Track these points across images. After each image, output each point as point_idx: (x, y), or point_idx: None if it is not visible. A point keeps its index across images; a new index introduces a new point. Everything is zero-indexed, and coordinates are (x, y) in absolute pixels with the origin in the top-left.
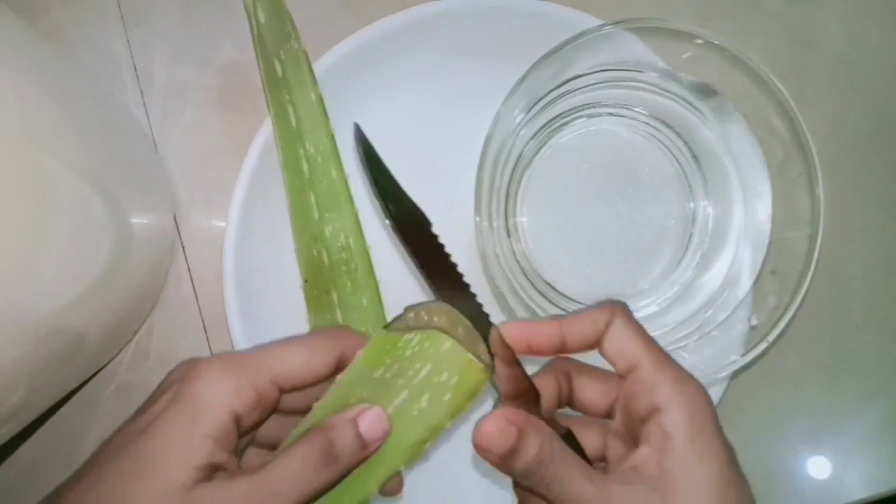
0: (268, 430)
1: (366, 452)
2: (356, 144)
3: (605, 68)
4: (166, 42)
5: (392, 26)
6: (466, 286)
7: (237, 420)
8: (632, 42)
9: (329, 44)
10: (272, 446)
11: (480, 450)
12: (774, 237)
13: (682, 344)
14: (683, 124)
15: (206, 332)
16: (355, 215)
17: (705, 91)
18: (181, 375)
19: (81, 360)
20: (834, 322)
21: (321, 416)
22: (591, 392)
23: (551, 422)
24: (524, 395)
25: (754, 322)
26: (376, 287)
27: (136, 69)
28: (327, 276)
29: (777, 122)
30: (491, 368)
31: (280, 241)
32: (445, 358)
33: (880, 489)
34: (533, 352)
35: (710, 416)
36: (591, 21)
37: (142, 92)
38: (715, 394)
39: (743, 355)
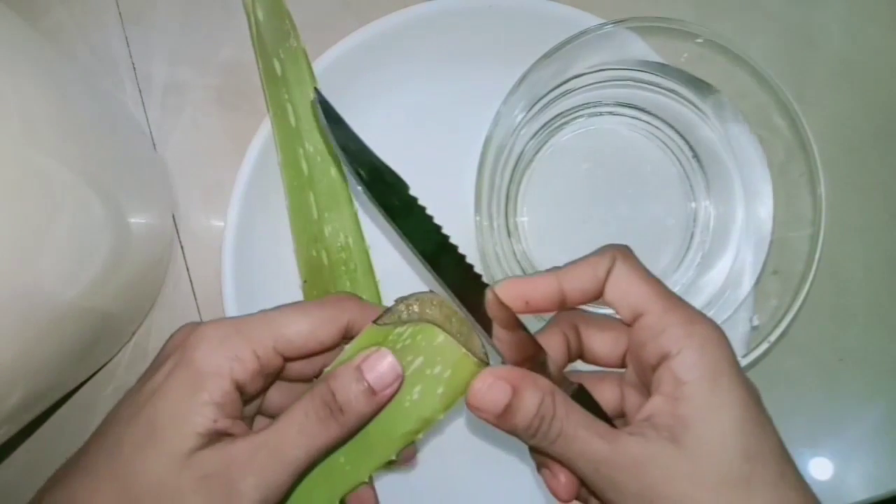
0: (276, 398)
1: (377, 400)
2: (316, 108)
3: (605, 67)
4: (165, 41)
5: (392, 25)
6: (454, 248)
7: (240, 387)
8: (632, 41)
9: (328, 43)
10: (303, 379)
11: (473, 409)
12: (776, 237)
13: None
14: (684, 123)
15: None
16: (355, 215)
17: (704, 89)
18: (182, 341)
19: (80, 360)
20: (834, 322)
21: None
22: (600, 343)
23: (561, 379)
24: (530, 357)
25: (756, 322)
26: (376, 287)
27: (134, 68)
28: (327, 276)
29: (778, 122)
30: (485, 362)
31: (279, 240)
32: (438, 351)
33: (881, 490)
34: (532, 309)
35: (726, 357)
36: (592, 20)
37: (141, 91)
38: None
39: (744, 356)
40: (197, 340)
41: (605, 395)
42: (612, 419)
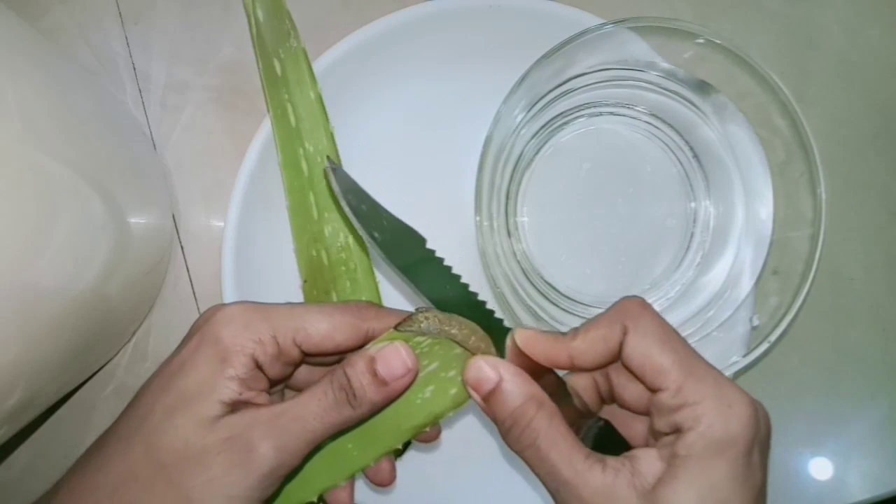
0: (302, 375)
1: (389, 390)
2: (329, 176)
3: (605, 67)
4: (165, 41)
5: (392, 25)
6: (473, 297)
7: (259, 367)
8: (633, 41)
9: (329, 42)
10: (298, 389)
11: (466, 383)
12: (776, 237)
13: None
14: (685, 123)
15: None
16: None
17: (704, 89)
18: (207, 318)
19: (80, 360)
20: (835, 322)
21: None
22: (629, 392)
23: (585, 414)
24: (551, 394)
25: (756, 322)
26: (376, 287)
27: (134, 68)
28: (327, 276)
29: (779, 122)
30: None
31: (279, 241)
32: (455, 358)
33: (882, 490)
34: (548, 366)
35: (731, 442)
36: (592, 20)
37: (140, 91)
38: None
39: (745, 356)
40: (225, 319)
41: (636, 432)
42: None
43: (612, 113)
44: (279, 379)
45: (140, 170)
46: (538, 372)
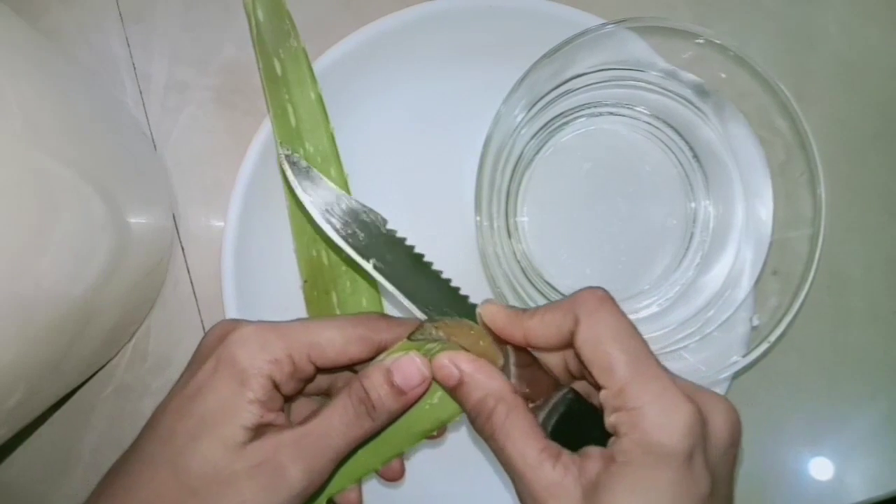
0: (315, 382)
1: (406, 399)
2: (283, 164)
3: (605, 67)
4: (165, 41)
5: (392, 25)
6: (445, 280)
7: (276, 386)
8: (633, 41)
9: (329, 43)
10: (321, 394)
11: (435, 379)
12: (776, 237)
13: (683, 344)
14: (685, 124)
15: (205, 332)
16: None
17: (704, 89)
18: (221, 338)
19: (80, 360)
20: (834, 322)
21: None
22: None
23: (555, 384)
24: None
25: (756, 322)
26: (376, 287)
27: (135, 68)
28: (327, 276)
29: (779, 122)
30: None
31: (279, 241)
32: None
33: (882, 490)
34: (508, 341)
35: (675, 455)
36: (592, 20)
37: (141, 91)
38: None
39: (744, 356)
40: (240, 340)
41: None
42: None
43: (612, 113)
44: (293, 395)
45: (140, 170)
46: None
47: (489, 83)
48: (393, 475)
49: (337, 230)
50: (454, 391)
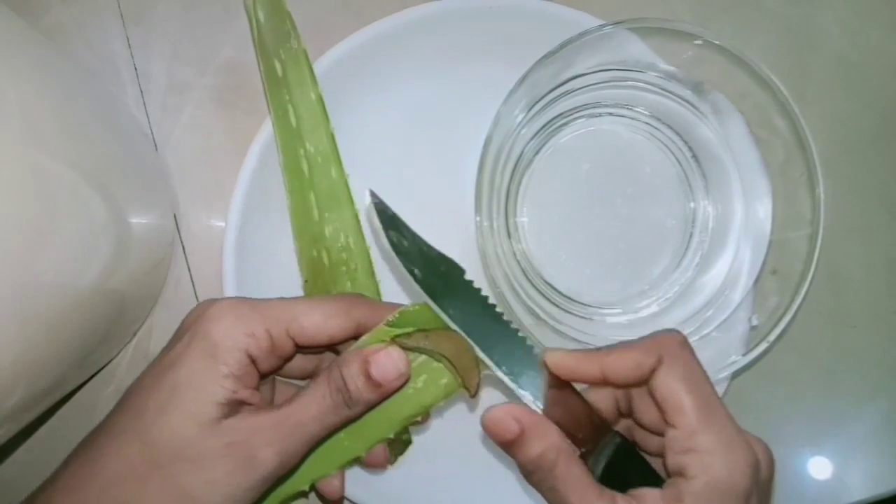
0: (295, 363)
1: (382, 391)
2: (371, 211)
3: (605, 68)
4: (166, 41)
5: (392, 26)
6: (507, 325)
7: (253, 361)
8: (632, 42)
9: (329, 43)
10: (301, 377)
11: (485, 429)
12: (775, 237)
13: None
14: (684, 124)
15: None
16: (355, 215)
17: (703, 89)
18: (198, 315)
19: (81, 360)
20: (834, 322)
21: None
22: (648, 414)
23: (602, 431)
24: (571, 412)
25: (755, 322)
26: (376, 287)
27: (135, 68)
28: (327, 276)
29: (778, 122)
30: (474, 395)
31: (280, 241)
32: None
33: (882, 489)
34: (577, 381)
35: (736, 495)
36: (592, 21)
37: (141, 91)
38: None
39: (744, 355)
40: (215, 314)
41: (652, 442)
42: (657, 474)
43: (611, 114)
44: (270, 372)
45: (141, 170)
46: (562, 384)
47: (489, 83)
48: (376, 462)
49: (419, 279)
50: (509, 445)
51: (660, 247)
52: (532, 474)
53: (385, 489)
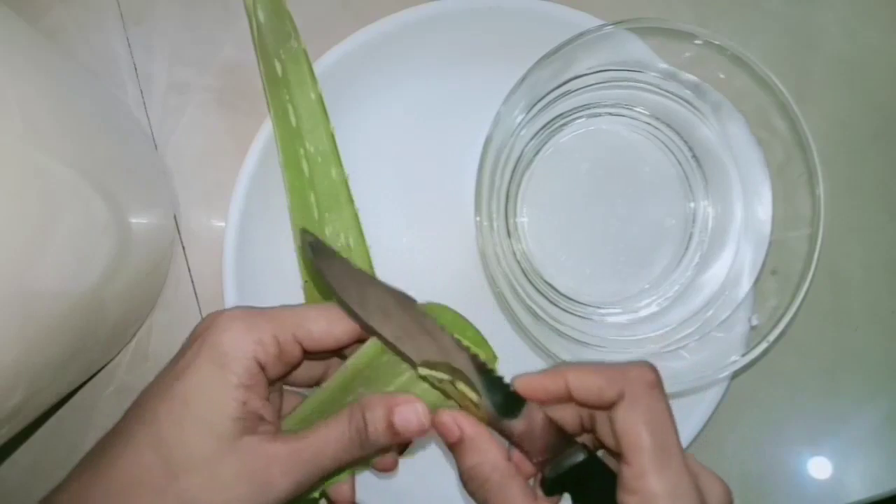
0: (302, 371)
1: (398, 439)
2: (306, 250)
3: (605, 68)
4: (166, 42)
5: (392, 26)
6: (473, 356)
7: (262, 369)
8: (632, 42)
9: (329, 43)
10: (308, 385)
11: (433, 425)
12: (775, 237)
13: (682, 344)
14: (684, 124)
15: None
16: (355, 215)
17: (703, 89)
18: (206, 325)
19: (81, 361)
20: (834, 322)
21: (328, 396)
22: (608, 439)
23: (567, 440)
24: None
25: (755, 322)
26: None
27: (135, 69)
28: None
29: (778, 122)
30: (494, 360)
31: (280, 241)
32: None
33: (881, 489)
34: (546, 401)
35: None
36: (592, 21)
37: (142, 92)
38: (715, 394)
39: (743, 355)
40: (223, 324)
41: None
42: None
43: (611, 114)
44: (278, 378)
45: (141, 170)
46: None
47: (489, 83)
48: (386, 466)
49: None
50: (452, 447)
51: (660, 247)
52: (466, 483)
53: (385, 489)
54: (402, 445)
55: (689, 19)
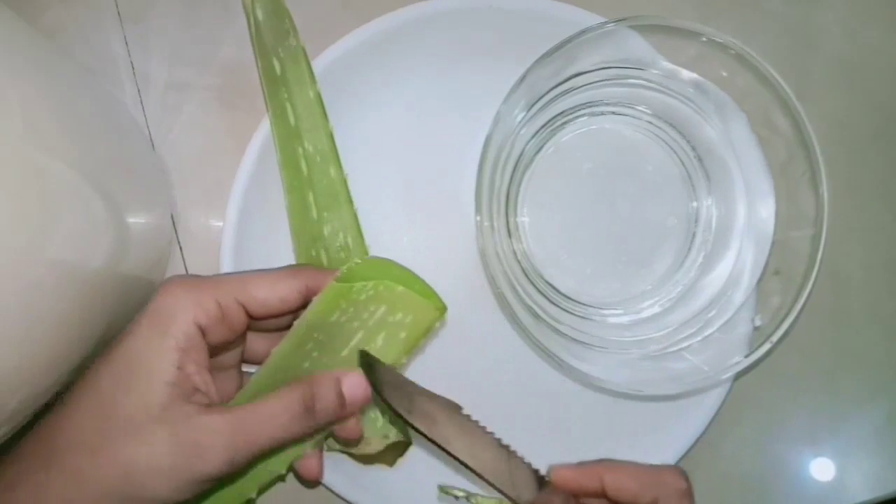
0: (257, 346)
1: (344, 413)
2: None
3: (606, 66)
4: (164, 41)
5: (391, 24)
6: (506, 451)
7: (203, 331)
8: (634, 40)
9: (328, 42)
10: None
11: None
12: (778, 237)
13: (685, 345)
14: (686, 123)
15: None
16: (354, 215)
17: (706, 88)
18: (155, 292)
19: (79, 360)
20: (835, 323)
21: (279, 362)
22: None
23: None
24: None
25: (758, 323)
26: None
27: (133, 68)
28: None
29: (780, 121)
30: (444, 310)
31: (278, 240)
32: (399, 298)
33: (883, 491)
34: (580, 494)
35: None
36: (593, 18)
37: (139, 90)
38: (718, 396)
39: (746, 356)
40: (167, 290)
41: None
42: None
43: (613, 112)
44: (222, 346)
45: (139, 169)
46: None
47: (489, 81)
48: (350, 434)
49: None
50: None
51: (662, 247)
52: None
53: (384, 491)
54: (401, 446)
55: (690, 18)
